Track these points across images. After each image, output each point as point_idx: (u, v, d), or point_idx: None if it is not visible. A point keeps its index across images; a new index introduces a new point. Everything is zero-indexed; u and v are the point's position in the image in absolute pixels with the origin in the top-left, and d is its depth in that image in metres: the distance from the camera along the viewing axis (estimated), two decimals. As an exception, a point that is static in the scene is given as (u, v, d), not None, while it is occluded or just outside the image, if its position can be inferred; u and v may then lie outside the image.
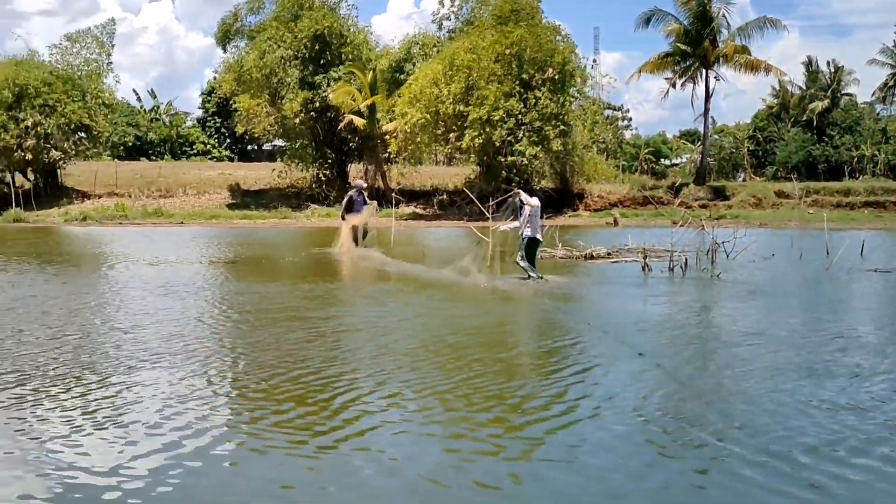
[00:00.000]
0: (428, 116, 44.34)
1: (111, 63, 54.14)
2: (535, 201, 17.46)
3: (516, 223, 17.87)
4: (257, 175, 58.05)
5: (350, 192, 25.94)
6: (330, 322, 12.76)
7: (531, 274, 17.29)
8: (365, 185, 27.63)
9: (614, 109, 79.70)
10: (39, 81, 48.92)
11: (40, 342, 10.86)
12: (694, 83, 53.29)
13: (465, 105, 44.04)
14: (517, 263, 17.54)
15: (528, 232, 17.43)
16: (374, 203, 27.97)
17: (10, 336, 11.28)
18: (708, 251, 22.04)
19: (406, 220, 42.84)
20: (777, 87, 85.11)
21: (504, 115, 43.10)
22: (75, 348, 10.46)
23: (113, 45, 54.18)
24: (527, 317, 14.24)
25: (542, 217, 18.15)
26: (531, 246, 17.60)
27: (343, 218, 25.51)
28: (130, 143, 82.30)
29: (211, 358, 9.97)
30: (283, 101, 49.89)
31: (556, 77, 44.78)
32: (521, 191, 18.24)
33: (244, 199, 52.61)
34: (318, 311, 13.85)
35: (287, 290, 16.61)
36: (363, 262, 22.54)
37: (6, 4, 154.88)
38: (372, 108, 50.25)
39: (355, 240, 24.70)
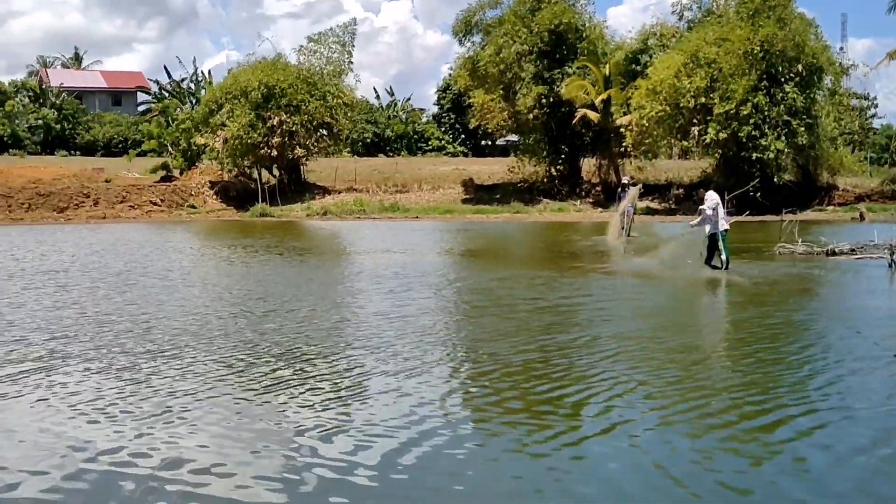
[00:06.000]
0: (668, 109, 43.41)
1: (352, 62, 55.26)
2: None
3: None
4: (490, 170, 58.56)
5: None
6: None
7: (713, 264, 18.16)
8: (627, 179, 31.50)
9: (862, 99, 75.54)
10: (285, 83, 50.89)
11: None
12: (954, 70, 49.86)
13: (707, 98, 42.83)
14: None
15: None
16: (635, 188, 29.11)
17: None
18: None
19: (641, 214, 42.22)
20: None
21: (751, 110, 41.62)
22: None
23: (353, 45, 55.25)
24: (769, 314, 13.50)
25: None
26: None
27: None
28: (369, 140, 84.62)
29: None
30: (518, 97, 50.01)
31: (805, 73, 42.84)
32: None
33: (477, 193, 53.05)
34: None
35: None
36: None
37: (256, 9, 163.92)
38: (606, 103, 49.66)
39: (623, 228, 26.80)
